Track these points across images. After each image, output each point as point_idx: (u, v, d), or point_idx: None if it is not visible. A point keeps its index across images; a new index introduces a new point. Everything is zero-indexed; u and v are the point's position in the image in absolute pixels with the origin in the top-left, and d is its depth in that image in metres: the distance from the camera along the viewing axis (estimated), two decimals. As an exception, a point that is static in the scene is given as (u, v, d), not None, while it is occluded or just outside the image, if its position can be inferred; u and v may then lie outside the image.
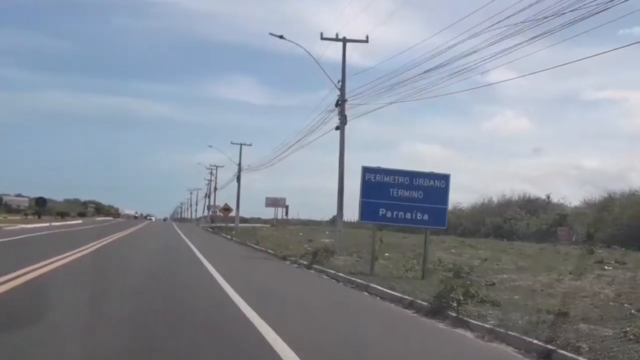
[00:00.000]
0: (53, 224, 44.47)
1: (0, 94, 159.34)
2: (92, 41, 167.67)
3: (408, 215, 14.94)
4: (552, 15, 13.28)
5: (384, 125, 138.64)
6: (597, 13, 11.81)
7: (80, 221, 64.70)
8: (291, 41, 25.70)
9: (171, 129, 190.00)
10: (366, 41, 25.37)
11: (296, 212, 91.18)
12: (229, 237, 39.56)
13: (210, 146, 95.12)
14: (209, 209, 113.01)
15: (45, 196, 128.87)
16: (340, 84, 24.42)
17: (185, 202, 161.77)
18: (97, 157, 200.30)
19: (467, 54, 17.07)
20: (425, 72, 19.52)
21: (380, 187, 14.87)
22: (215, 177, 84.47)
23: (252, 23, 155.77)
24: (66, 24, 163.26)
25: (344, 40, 25.17)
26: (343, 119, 24.25)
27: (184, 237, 37.88)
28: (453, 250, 25.02)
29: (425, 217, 14.93)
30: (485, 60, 16.43)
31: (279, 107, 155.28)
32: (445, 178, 15.09)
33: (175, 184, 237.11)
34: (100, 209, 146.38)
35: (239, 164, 53.28)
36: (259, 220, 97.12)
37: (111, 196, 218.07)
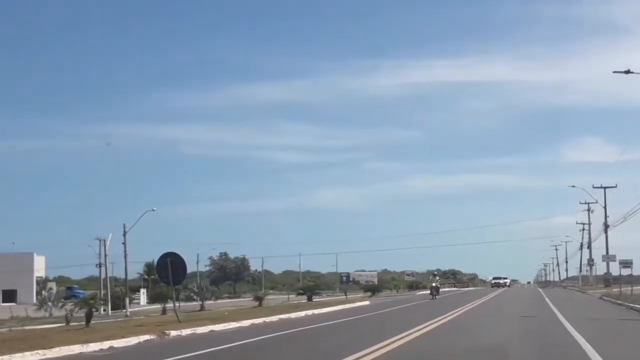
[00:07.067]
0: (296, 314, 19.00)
1: (361, 186, 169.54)
2: (442, 127, 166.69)
3: None
4: None
5: None
6: None
7: (366, 302, 38.01)
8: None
9: (518, 198, 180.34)
10: None
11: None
12: None
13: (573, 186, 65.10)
14: (590, 264, 77.00)
15: (414, 271, 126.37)
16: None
17: (550, 263, 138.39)
18: (454, 231, 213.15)
19: None
20: None
21: None
22: (605, 206, 50.50)
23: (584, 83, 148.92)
24: (419, 115, 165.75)
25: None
26: None
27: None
28: None
29: None
30: None
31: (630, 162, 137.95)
32: None
33: (533, 249, 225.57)
34: (459, 278, 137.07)
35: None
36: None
37: (472, 265, 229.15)
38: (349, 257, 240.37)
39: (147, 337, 14.58)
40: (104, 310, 48.41)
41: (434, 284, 41.53)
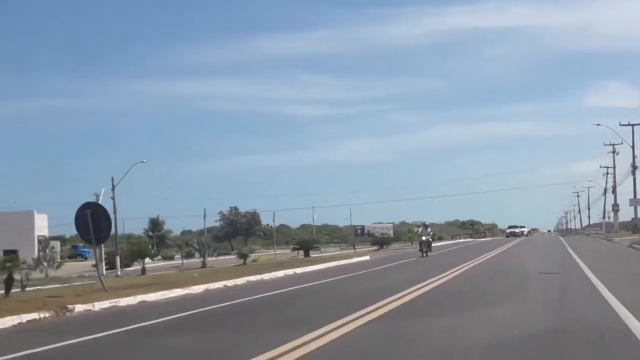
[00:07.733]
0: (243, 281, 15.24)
1: (381, 138, 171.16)
2: (462, 75, 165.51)
3: None
4: None
5: None
6: None
7: (367, 257, 33.64)
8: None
9: (538, 145, 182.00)
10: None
11: None
12: None
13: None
14: (614, 210, 72.13)
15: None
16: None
17: (571, 210, 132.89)
18: (474, 179, 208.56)
19: None
20: None
21: None
22: (632, 145, 45.91)
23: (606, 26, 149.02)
24: (439, 64, 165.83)
25: None
26: None
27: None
28: None
29: None
30: None
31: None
32: None
33: (554, 196, 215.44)
34: (476, 228, 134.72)
35: None
36: None
37: (492, 215, 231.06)
38: (367, 209, 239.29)
39: (34, 315, 10.94)
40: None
41: (424, 238, 32.31)
